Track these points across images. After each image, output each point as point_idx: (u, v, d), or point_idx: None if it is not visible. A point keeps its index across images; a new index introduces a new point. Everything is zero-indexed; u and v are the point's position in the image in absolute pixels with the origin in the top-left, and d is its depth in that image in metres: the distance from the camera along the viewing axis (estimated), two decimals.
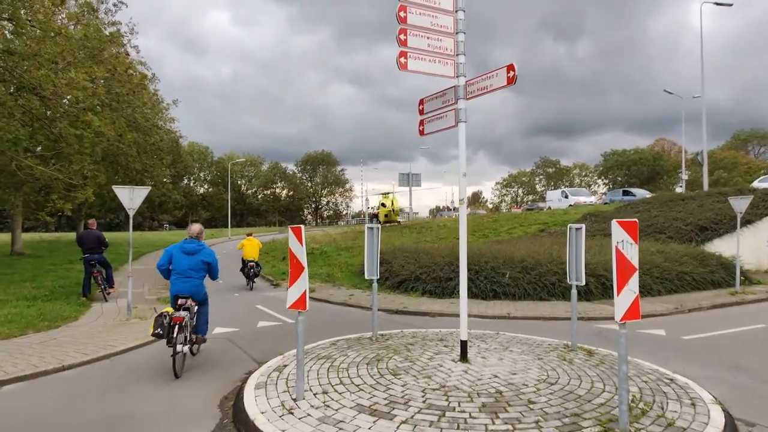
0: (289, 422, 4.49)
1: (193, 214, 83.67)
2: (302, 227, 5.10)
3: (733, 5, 27.81)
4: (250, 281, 15.49)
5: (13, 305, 10.88)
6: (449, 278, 12.68)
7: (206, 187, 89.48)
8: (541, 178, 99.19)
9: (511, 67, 5.71)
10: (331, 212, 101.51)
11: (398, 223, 36.37)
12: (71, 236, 32.81)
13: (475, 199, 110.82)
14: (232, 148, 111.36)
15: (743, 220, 14.12)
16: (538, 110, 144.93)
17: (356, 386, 5.40)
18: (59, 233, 38.08)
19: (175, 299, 6.66)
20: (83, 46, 15.51)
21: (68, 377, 6.43)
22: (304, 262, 5.00)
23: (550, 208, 36.80)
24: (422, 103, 7.03)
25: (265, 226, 78.93)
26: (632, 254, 4.11)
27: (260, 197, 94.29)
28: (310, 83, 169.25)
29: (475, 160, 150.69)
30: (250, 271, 15.44)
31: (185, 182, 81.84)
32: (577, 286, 7.01)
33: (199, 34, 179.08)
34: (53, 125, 13.73)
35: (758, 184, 26.81)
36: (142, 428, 4.78)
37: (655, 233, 17.76)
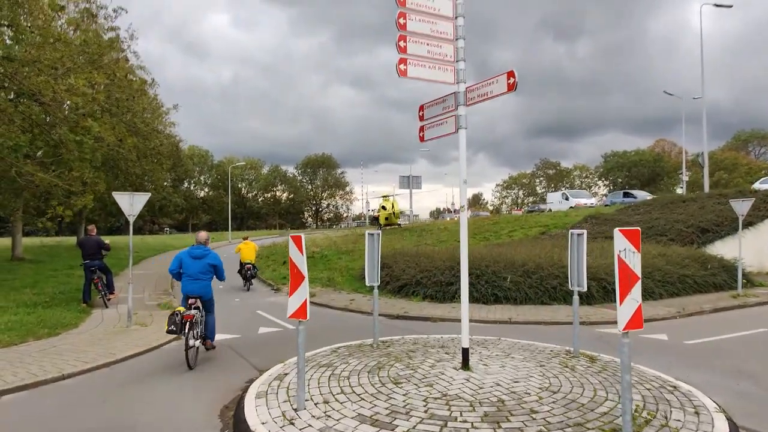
0: None
1: (193, 217, 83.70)
2: (302, 236, 5.07)
3: (732, 6, 27.82)
4: (247, 282, 16.21)
5: (13, 312, 10.87)
6: (450, 282, 12.64)
7: (207, 190, 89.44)
8: (541, 179, 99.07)
9: (511, 73, 5.69)
10: (331, 215, 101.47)
11: (399, 225, 36.32)
12: (72, 240, 32.79)
13: (475, 201, 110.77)
14: (232, 151, 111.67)
15: (745, 221, 14.07)
16: (538, 111, 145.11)
17: (357, 395, 5.37)
18: (60, 237, 38.02)
19: (186, 299, 7.27)
20: (83, 51, 15.51)
21: (68, 386, 6.40)
22: (304, 271, 4.97)
23: (550, 210, 36.74)
24: (422, 109, 7.01)
25: (265, 229, 78.87)
26: (635, 263, 4.08)
27: (260, 200, 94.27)
28: (310, 85, 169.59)
29: (475, 161, 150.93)
30: (247, 272, 16.19)
31: (185, 186, 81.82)
32: (578, 291, 6.98)
33: (199, 36, 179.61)
34: (53, 131, 13.73)
35: (759, 185, 26.74)
36: None
37: (656, 235, 17.72)
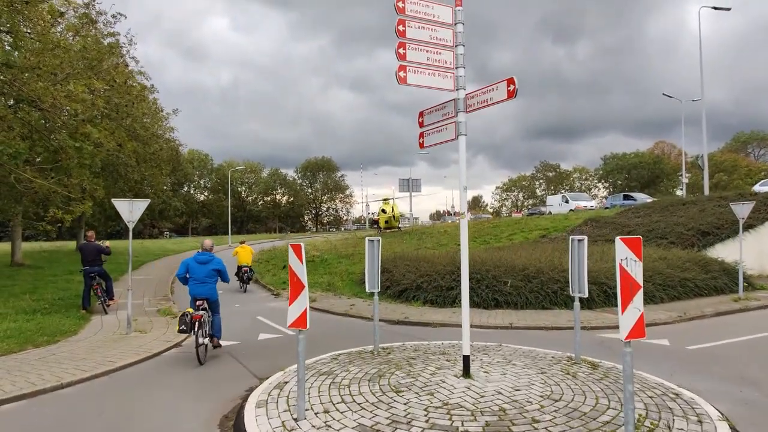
0: None
1: (193, 221, 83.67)
2: (302, 245, 5.05)
3: (731, 9, 27.84)
4: (243, 284, 17.13)
5: (12, 319, 10.83)
6: (450, 287, 12.61)
7: (206, 194, 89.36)
8: (541, 182, 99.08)
9: (511, 80, 5.69)
10: (331, 218, 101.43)
11: (399, 229, 36.27)
12: (72, 245, 32.73)
13: (475, 203, 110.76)
14: (232, 155, 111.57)
15: (745, 224, 14.05)
16: (537, 112, 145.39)
17: (358, 404, 5.33)
18: (60, 242, 37.93)
19: (193, 301, 7.88)
20: (82, 57, 15.51)
21: (67, 395, 6.37)
22: (304, 280, 4.95)
23: (550, 213, 36.72)
24: (422, 115, 7.00)
25: (265, 232, 78.77)
26: (636, 271, 4.06)
27: (260, 204, 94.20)
28: (310, 89, 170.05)
29: (474, 163, 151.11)
30: (244, 275, 17.12)
31: (185, 190, 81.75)
32: (579, 297, 6.95)
33: (198, 40, 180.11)
34: (52, 136, 13.70)
35: (759, 188, 26.74)
36: None
37: (656, 238, 17.69)
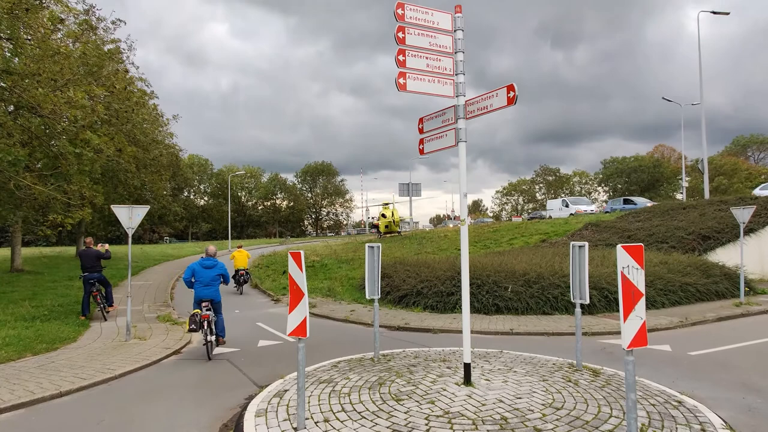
0: None
1: (193, 226, 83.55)
2: (302, 253, 5.03)
3: (729, 14, 27.96)
4: (239, 287, 17.95)
5: (11, 326, 10.77)
6: (451, 293, 12.58)
7: (206, 199, 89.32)
8: (541, 186, 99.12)
9: (511, 87, 5.68)
10: (331, 223, 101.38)
11: (399, 233, 36.23)
12: (72, 250, 32.69)
13: (475, 207, 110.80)
14: (232, 159, 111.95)
15: (746, 228, 14.03)
16: (537, 117, 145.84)
17: (358, 413, 5.29)
18: (60, 247, 37.91)
19: (199, 302, 8.58)
20: (83, 63, 15.52)
21: (65, 404, 6.32)
22: (304, 288, 4.92)
23: (550, 217, 36.69)
24: (422, 121, 6.99)
25: (265, 237, 78.70)
26: (638, 279, 4.03)
27: (260, 209, 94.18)
28: (309, 93, 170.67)
29: (474, 167, 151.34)
30: (240, 278, 17.92)
31: (185, 195, 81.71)
32: (580, 303, 6.92)
33: (198, 46, 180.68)
34: (52, 143, 13.70)
35: (759, 191, 26.74)
36: None
37: (657, 243, 17.67)
